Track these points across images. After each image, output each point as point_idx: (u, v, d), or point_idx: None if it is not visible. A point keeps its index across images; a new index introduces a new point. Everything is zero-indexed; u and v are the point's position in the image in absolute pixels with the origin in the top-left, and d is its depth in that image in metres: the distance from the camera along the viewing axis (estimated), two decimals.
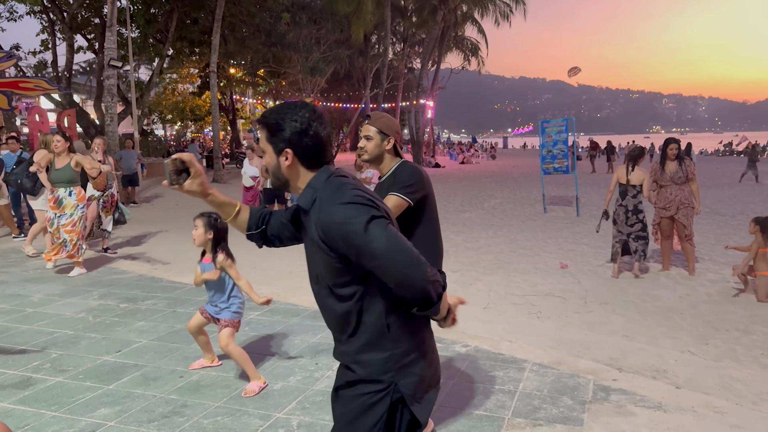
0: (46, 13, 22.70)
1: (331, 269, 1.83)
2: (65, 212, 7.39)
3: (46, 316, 5.70)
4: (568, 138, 14.04)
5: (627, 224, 7.40)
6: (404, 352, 1.89)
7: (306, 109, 1.88)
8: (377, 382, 1.89)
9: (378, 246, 1.70)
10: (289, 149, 1.86)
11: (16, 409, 3.72)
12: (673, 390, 3.99)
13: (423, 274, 1.73)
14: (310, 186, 1.88)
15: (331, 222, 1.75)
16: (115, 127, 16.91)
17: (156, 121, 46.17)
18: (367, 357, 1.89)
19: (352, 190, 1.80)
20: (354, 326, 1.89)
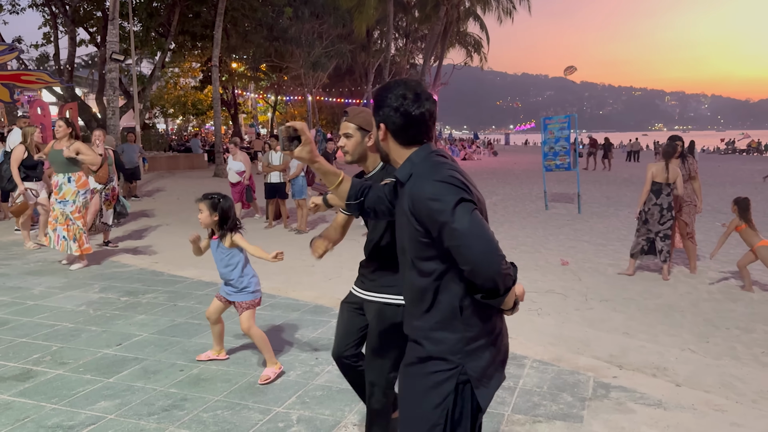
0: (48, 5, 22.69)
1: (415, 243, 1.89)
2: (66, 199, 7.27)
3: (46, 309, 5.70)
4: (570, 135, 14.02)
5: (659, 222, 7.25)
6: (474, 336, 1.91)
7: (403, 88, 1.96)
8: (445, 360, 1.91)
9: (460, 228, 1.74)
10: (383, 124, 1.99)
11: (17, 401, 3.73)
12: (674, 387, 3.99)
13: (497, 265, 1.75)
14: (410, 160, 1.96)
15: (421, 196, 1.81)
16: (117, 120, 16.91)
17: (158, 115, 46.13)
18: (438, 335, 1.92)
19: (449, 170, 1.86)
20: (429, 303, 1.93)
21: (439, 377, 1.92)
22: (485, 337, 1.93)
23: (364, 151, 2.82)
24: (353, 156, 2.82)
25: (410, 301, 2.02)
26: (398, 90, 1.96)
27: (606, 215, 12.79)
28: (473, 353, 1.91)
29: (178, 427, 3.38)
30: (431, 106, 1.98)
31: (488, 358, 1.94)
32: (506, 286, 1.80)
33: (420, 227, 1.85)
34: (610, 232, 10.72)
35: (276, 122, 47.40)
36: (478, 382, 1.93)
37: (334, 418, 3.51)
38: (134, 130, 18.27)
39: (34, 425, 3.41)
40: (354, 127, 2.79)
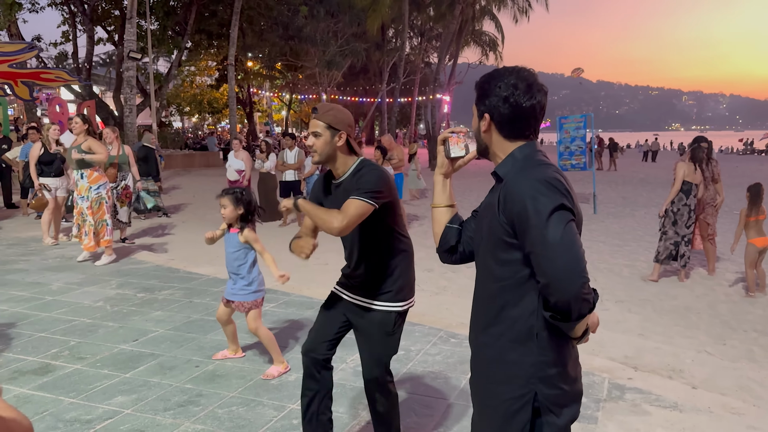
0: (67, 4, 22.95)
1: (497, 241, 1.74)
2: (82, 194, 7.44)
3: (64, 305, 5.78)
4: (586, 134, 13.93)
5: (686, 225, 7.06)
6: (550, 361, 1.73)
7: (515, 77, 1.80)
8: (519, 386, 1.75)
9: (551, 235, 1.58)
10: (487, 114, 1.83)
11: (36, 395, 3.79)
12: (689, 390, 3.96)
13: (578, 287, 1.57)
14: (512, 156, 1.81)
15: (518, 191, 1.67)
16: (134, 118, 17.07)
17: (174, 113, 46.51)
18: (511, 356, 1.76)
19: (554, 172, 1.72)
20: (498, 313, 1.78)
21: (514, 405, 1.75)
22: (561, 363, 1.75)
23: (333, 151, 2.64)
24: (321, 156, 2.65)
25: (479, 309, 1.87)
26: (509, 79, 1.79)
27: (622, 216, 12.70)
28: (547, 380, 1.73)
29: (194, 423, 3.41)
30: (543, 99, 1.82)
31: (562, 386, 1.75)
32: (580, 313, 1.61)
33: (507, 225, 1.69)
34: (626, 232, 10.64)
35: (290, 121, 47.57)
36: (549, 411, 1.75)
37: (348, 415, 3.52)
38: (151, 128, 18.41)
39: (53, 419, 3.46)
40: (323, 126, 2.62)
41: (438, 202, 2.09)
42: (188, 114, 47.49)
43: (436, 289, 6.74)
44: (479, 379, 1.87)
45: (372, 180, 2.58)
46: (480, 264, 1.87)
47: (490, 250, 1.79)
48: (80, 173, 7.40)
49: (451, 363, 4.31)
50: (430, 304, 6.03)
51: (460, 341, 4.76)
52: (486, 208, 1.85)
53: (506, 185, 1.72)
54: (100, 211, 7.50)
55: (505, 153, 1.83)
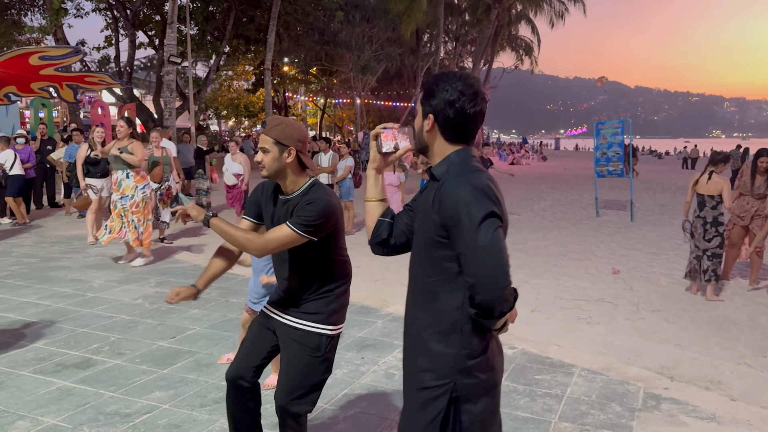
0: (110, 10, 23.59)
1: (431, 240, 1.84)
2: (126, 194, 7.51)
3: (105, 302, 5.94)
4: (623, 140, 13.72)
5: (704, 238, 6.65)
6: (471, 354, 1.85)
7: (462, 83, 1.86)
8: (440, 376, 1.86)
9: (481, 240, 1.70)
10: (432, 115, 1.89)
11: (78, 387, 3.91)
12: (728, 402, 3.87)
13: (501, 289, 1.71)
14: (449, 159, 1.89)
15: (453, 195, 1.76)
16: (173, 121, 17.45)
17: (211, 117, 47.31)
18: (436, 348, 1.87)
19: (486, 180, 1.81)
20: (431, 307, 1.89)
21: (433, 393, 1.87)
22: (481, 354, 1.87)
23: (282, 167, 2.53)
24: (269, 172, 2.54)
25: (411, 301, 1.98)
26: (457, 84, 1.86)
27: (660, 224, 12.46)
28: (467, 371, 1.85)
29: None
30: (484, 107, 1.91)
31: (480, 376, 1.87)
32: (501, 311, 1.75)
33: (440, 225, 1.79)
34: (663, 241, 10.44)
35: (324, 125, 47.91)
36: (468, 399, 1.86)
37: (379, 416, 3.55)
38: (189, 130, 18.77)
39: (94, 411, 3.57)
40: (271, 141, 2.51)
41: (370, 196, 2.14)
42: (225, 117, 48.25)
43: None
44: (407, 365, 1.98)
45: (313, 211, 2.44)
46: (413, 258, 1.97)
47: (423, 247, 1.89)
48: (126, 173, 7.50)
49: None
50: None
51: None
52: (421, 205, 1.95)
53: (442, 187, 1.81)
54: (146, 210, 7.66)
55: (443, 155, 1.90)
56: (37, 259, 7.91)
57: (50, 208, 12.96)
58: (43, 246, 8.81)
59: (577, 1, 34.67)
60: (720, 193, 6.59)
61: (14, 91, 11.76)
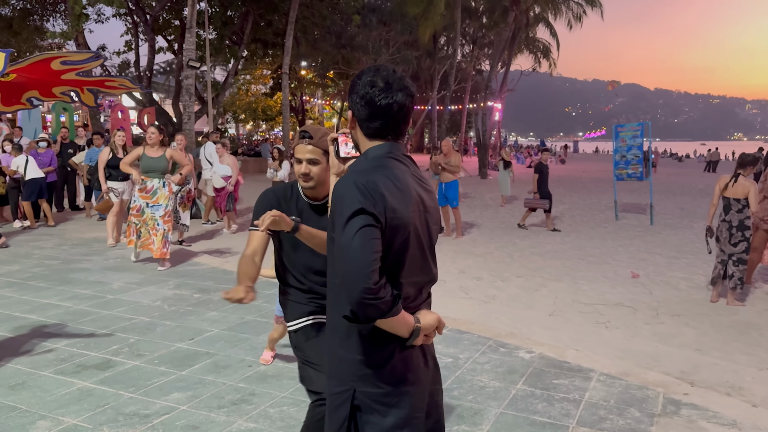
0: (130, 15, 23.89)
1: (330, 239, 1.80)
2: (160, 203, 7.49)
3: (124, 303, 6.01)
4: (643, 143, 13.59)
5: (730, 242, 6.51)
6: (369, 360, 1.75)
7: (373, 74, 1.78)
8: (340, 383, 1.79)
9: (344, 238, 1.61)
10: (350, 111, 1.84)
11: (98, 388, 3.96)
12: (750, 408, 3.81)
13: (359, 292, 1.57)
14: (365, 155, 1.82)
15: (335, 191, 1.71)
16: (192, 125, 17.62)
17: (229, 120, 47.67)
18: (338, 353, 1.80)
19: (381, 177, 1.69)
20: (331, 309, 1.83)
21: (336, 400, 1.80)
22: (381, 363, 1.74)
23: (327, 176, 2.49)
24: (318, 182, 2.53)
25: (327, 303, 1.89)
26: (367, 76, 1.78)
27: (680, 227, 12.31)
28: (365, 378, 1.75)
29: (246, 421, 3.50)
30: (403, 99, 1.78)
31: (383, 386, 1.75)
32: (367, 316, 1.61)
33: (331, 222, 1.75)
34: (683, 244, 10.31)
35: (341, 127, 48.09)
36: (371, 409, 1.75)
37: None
38: (208, 134, 18.92)
39: (113, 412, 3.61)
40: (321, 152, 2.50)
41: None
42: (243, 121, 48.61)
43: (485, 297, 6.69)
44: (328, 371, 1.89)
45: None
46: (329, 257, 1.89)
47: (329, 248, 1.83)
48: (162, 182, 7.53)
49: (501, 372, 4.29)
50: (479, 313, 6.00)
51: (510, 351, 4.72)
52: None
53: (335, 185, 1.74)
54: (171, 220, 7.71)
55: (364, 150, 1.84)
56: (58, 261, 8.02)
57: (71, 211, 13.15)
58: (64, 248, 8.93)
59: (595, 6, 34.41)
60: (746, 196, 6.43)
61: (37, 96, 11.93)
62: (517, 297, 6.74)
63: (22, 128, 14.54)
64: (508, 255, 9.15)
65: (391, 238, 1.67)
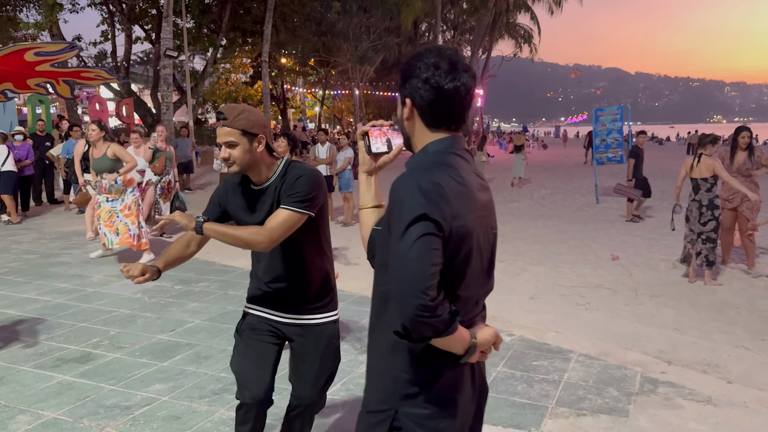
0: (106, 4, 23.50)
1: (384, 244, 1.58)
2: (117, 198, 7.34)
3: (104, 296, 5.96)
4: (622, 127, 13.70)
5: (699, 222, 6.59)
6: (415, 379, 1.57)
7: (435, 55, 1.59)
8: (380, 401, 1.62)
9: (402, 246, 1.44)
10: (408, 99, 1.62)
11: (78, 381, 3.93)
12: (725, 384, 3.89)
13: (412, 308, 1.40)
14: (424, 150, 1.61)
15: (395, 191, 1.51)
16: (171, 115, 17.42)
17: (210, 111, 47.21)
18: (379, 366, 1.64)
19: (445, 177, 1.52)
20: (375, 318, 1.65)
21: (374, 418, 1.61)
22: (430, 382, 1.57)
23: (254, 158, 2.35)
24: (241, 166, 2.36)
25: (372, 310, 1.70)
26: (430, 58, 1.58)
27: (660, 209, 12.45)
28: (410, 398, 1.56)
29: (228, 410, 3.50)
30: (469, 81, 1.59)
31: (431, 407, 1.57)
32: (421, 335, 1.44)
33: (387, 225, 1.55)
34: (663, 226, 10.42)
35: (323, 117, 47.87)
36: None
37: None
38: (187, 124, 18.76)
39: (94, 404, 3.60)
40: (238, 133, 2.31)
41: (364, 203, 1.86)
42: None
43: None
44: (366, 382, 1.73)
45: (304, 185, 2.35)
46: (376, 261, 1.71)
47: (382, 248, 1.62)
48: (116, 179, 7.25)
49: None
50: None
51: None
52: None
53: (395, 180, 1.54)
54: (139, 213, 7.53)
55: (422, 144, 1.63)
56: (37, 255, 7.93)
57: (49, 205, 12.98)
58: (42, 242, 8.83)
59: None
60: (712, 174, 6.54)
61: (10, 88, 11.72)
62: (499, 281, 6.73)
63: None
64: None
65: (454, 249, 1.50)
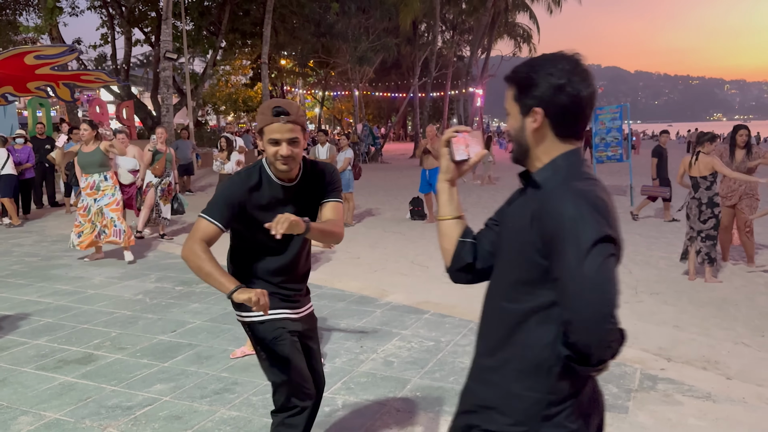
0: (105, 7, 23.54)
1: (524, 260, 1.50)
2: (106, 193, 7.41)
3: (106, 298, 5.98)
4: (622, 125, 13.71)
5: (699, 219, 6.58)
6: (559, 400, 1.51)
7: (566, 62, 1.52)
8: (516, 423, 1.53)
9: (587, 269, 1.36)
10: (539, 108, 1.52)
11: (79, 383, 3.95)
12: (724, 381, 3.90)
13: (602, 333, 1.36)
14: (555, 163, 1.54)
15: (558, 208, 1.42)
16: (171, 117, 17.44)
17: (210, 113, 47.27)
18: (515, 388, 1.53)
19: (601, 193, 1.47)
20: (506, 337, 1.56)
21: None
22: (572, 401, 1.52)
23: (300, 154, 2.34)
24: (297, 164, 2.33)
25: (488, 329, 1.63)
26: (562, 64, 1.51)
27: (660, 208, 12.45)
28: (552, 418, 1.50)
29: (229, 410, 3.52)
30: (596, 88, 1.56)
31: (571, 426, 1.51)
32: (600, 359, 1.40)
33: (539, 242, 1.45)
34: (663, 224, 10.45)
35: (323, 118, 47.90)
36: None
37: (378, 403, 3.58)
38: (188, 126, 18.78)
39: (96, 405, 3.61)
40: (300, 129, 2.27)
41: (445, 214, 1.81)
42: (224, 113, 48.19)
43: None
44: (477, 402, 1.63)
45: (339, 177, 2.52)
46: (494, 280, 1.65)
47: (511, 267, 1.55)
48: (103, 175, 7.41)
49: None
50: (462, 297, 6.03)
51: None
52: (511, 218, 1.60)
53: (545, 197, 1.46)
54: (123, 211, 7.58)
55: (549, 157, 1.55)
56: (38, 257, 7.95)
57: (51, 207, 13.00)
58: (44, 245, 8.85)
59: None
60: (711, 172, 6.54)
61: (11, 92, 11.79)
62: None
63: None
64: None
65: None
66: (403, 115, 51.17)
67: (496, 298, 1.61)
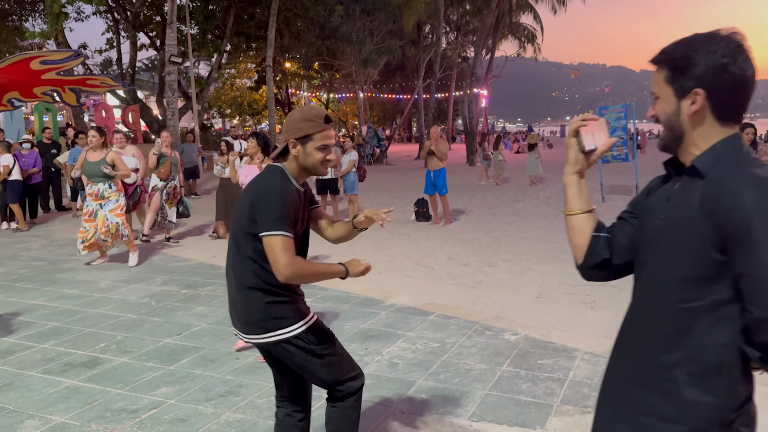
0: (110, 12, 23.67)
1: (696, 255, 1.38)
2: (111, 199, 7.43)
3: (112, 301, 6.00)
4: (627, 125, 13.66)
5: None
6: (737, 404, 1.40)
7: (729, 40, 1.40)
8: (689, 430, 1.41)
9: None
10: (701, 89, 1.40)
11: (85, 386, 3.96)
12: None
13: None
14: (715, 150, 1.41)
15: (738, 195, 1.31)
16: (177, 121, 17.52)
17: (215, 116, 47.43)
18: (689, 393, 1.41)
19: None
20: (670, 339, 1.44)
21: None
22: (746, 404, 1.42)
23: None
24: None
25: (642, 331, 1.52)
26: (724, 42, 1.39)
27: None
28: (726, 424, 1.40)
29: (234, 412, 3.52)
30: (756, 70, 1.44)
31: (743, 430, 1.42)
32: None
33: (714, 235, 1.34)
34: None
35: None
36: None
37: (382, 405, 3.58)
38: (193, 130, 18.84)
39: (101, 408, 3.63)
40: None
41: (575, 208, 1.72)
42: (229, 116, 48.35)
43: (472, 283, 6.73)
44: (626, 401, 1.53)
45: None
46: (651, 277, 1.51)
47: (675, 263, 1.43)
48: (108, 184, 7.41)
49: (486, 355, 4.33)
50: (467, 298, 6.04)
51: (496, 334, 4.76)
52: (667, 210, 1.47)
53: (716, 185, 1.35)
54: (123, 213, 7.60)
55: (707, 143, 1.43)
56: (45, 261, 7.99)
57: (57, 212, 13.08)
58: (50, 249, 8.90)
59: None
60: None
61: (17, 97, 11.84)
62: (504, 281, 6.79)
63: (4, 130, 14.41)
64: (496, 240, 9.19)
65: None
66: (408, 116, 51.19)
67: (656, 297, 1.49)
